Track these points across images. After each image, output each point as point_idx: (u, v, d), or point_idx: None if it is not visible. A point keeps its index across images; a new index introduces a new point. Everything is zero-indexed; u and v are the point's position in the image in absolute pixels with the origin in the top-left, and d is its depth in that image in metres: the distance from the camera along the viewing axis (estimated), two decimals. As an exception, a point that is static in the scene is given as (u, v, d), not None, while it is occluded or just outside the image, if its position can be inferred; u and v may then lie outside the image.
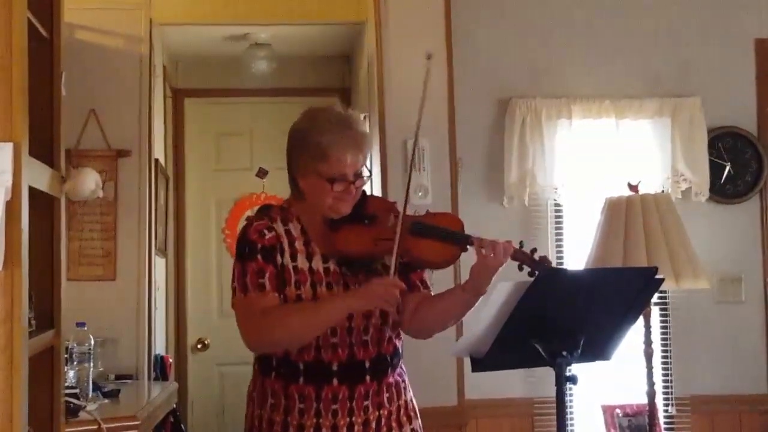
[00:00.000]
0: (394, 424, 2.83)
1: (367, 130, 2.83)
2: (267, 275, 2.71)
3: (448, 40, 4.70)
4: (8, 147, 2.14)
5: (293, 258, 2.76)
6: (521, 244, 2.72)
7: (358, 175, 2.77)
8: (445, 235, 2.77)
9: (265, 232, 2.76)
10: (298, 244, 2.78)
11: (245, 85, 6.50)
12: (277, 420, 2.77)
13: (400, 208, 2.77)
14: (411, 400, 2.92)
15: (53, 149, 2.66)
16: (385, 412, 2.81)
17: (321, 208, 2.78)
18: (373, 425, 2.78)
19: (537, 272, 2.64)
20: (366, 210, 2.82)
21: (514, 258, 2.69)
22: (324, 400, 2.72)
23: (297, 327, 2.69)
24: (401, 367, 2.91)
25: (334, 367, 2.74)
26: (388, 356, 2.83)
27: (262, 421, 2.81)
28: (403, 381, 2.91)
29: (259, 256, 2.73)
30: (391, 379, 2.83)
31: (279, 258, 2.75)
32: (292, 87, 6.61)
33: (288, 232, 2.79)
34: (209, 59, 6.52)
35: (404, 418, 2.86)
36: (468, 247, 2.74)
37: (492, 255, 2.66)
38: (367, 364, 2.77)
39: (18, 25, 2.20)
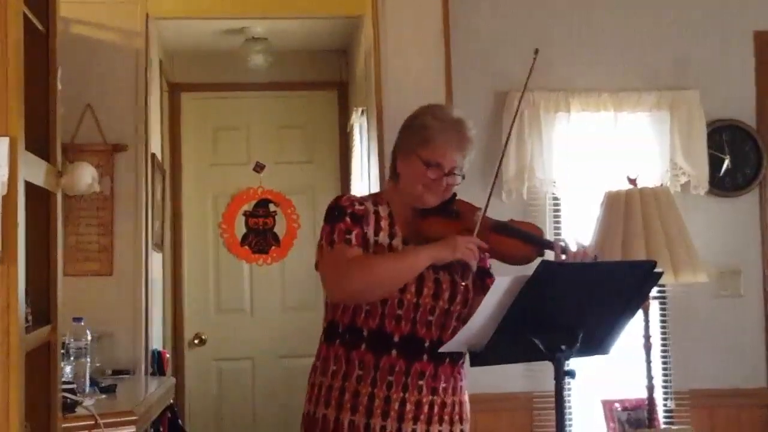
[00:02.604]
0: (446, 417, 2.92)
1: (473, 139, 3.00)
2: (354, 233, 2.87)
3: (445, 32, 4.68)
4: (4, 141, 2.14)
5: (376, 233, 2.92)
6: (595, 257, 2.89)
7: (453, 172, 2.92)
8: (525, 236, 2.95)
9: (356, 203, 2.94)
10: (383, 224, 2.94)
11: (242, 79, 6.50)
12: (336, 386, 2.88)
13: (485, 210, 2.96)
14: (466, 404, 3.01)
15: (49, 144, 2.65)
16: (439, 401, 2.90)
17: (410, 193, 2.95)
18: (425, 408, 2.87)
19: None
20: (453, 208, 2.99)
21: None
22: (381, 370, 2.85)
23: (382, 272, 2.82)
24: (462, 368, 2.99)
25: (395, 339, 2.86)
26: None
27: (323, 387, 2.91)
28: (462, 381, 3.00)
29: (348, 218, 2.90)
30: (449, 370, 2.92)
31: (364, 227, 2.90)
32: (288, 81, 6.62)
33: (376, 212, 2.95)
34: (205, 53, 6.52)
35: (456, 417, 2.95)
36: (545, 251, 2.93)
37: (573, 260, 2.83)
38: (427, 344, 2.88)
39: (14, 19, 2.20)
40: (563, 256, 2.83)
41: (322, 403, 2.89)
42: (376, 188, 4.73)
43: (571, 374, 2.63)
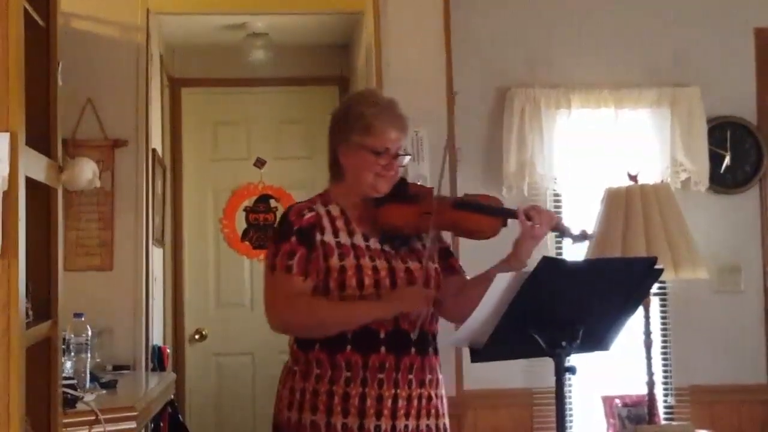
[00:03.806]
0: (432, 411, 2.90)
1: (407, 117, 2.95)
2: (296, 257, 2.82)
3: (446, 29, 4.68)
4: (5, 137, 2.13)
5: (335, 234, 2.87)
6: (557, 224, 2.89)
7: (399, 154, 2.90)
8: (487, 209, 2.92)
9: (305, 212, 2.90)
10: (339, 223, 2.90)
11: (243, 74, 6.48)
12: (322, 390, 2.82)
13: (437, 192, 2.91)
14: (445, 398, 2.99)
15: (50, 139, 2.65)
16: (426, 394, 2.88)
17: (361, 186, 2.91)
18: (415, 403, 2.85)
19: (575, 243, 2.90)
20: (407, 192, 2.95)
21: (554, 228, 2.87)
22: (371, 369, 2.81)
23: (328, 320, 2.81)
24: (439, 361, 2.97)
25: (382, 335, 2.82)
26: (430, 335, 2.92)
27: (306, 393, 2.85)
28: (440, 375, 2.98)
29: (293, 238, 2.85)
30: (433, 361, 2.92)
31: (319, 236, 2.85)
32: (289, 76, 6.60)
33: (328, 213, 2.91)
34: (206, 48, 6.51)
35: (441, 411, 2.94)
36: (508, 221, 2.90)
37: (538, 225, 2.81)
38: (413, 336, 2.85)
39: (14, 13, 2.19)
40: (528, 223, 2.81)
41: (308, 409, 2.82)
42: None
43: (571, 370, 2.63)
